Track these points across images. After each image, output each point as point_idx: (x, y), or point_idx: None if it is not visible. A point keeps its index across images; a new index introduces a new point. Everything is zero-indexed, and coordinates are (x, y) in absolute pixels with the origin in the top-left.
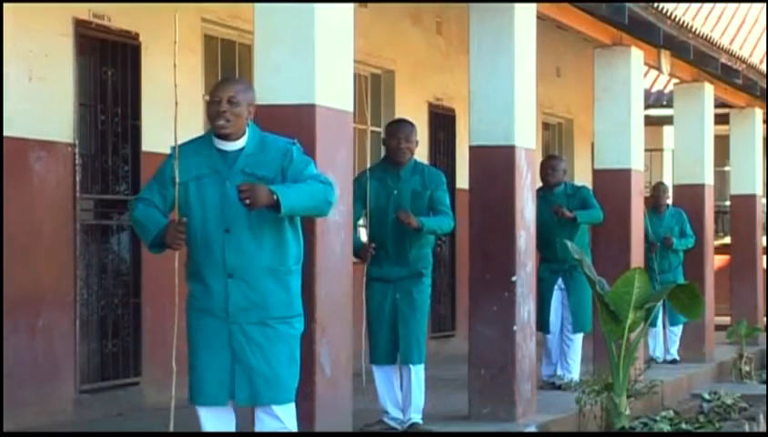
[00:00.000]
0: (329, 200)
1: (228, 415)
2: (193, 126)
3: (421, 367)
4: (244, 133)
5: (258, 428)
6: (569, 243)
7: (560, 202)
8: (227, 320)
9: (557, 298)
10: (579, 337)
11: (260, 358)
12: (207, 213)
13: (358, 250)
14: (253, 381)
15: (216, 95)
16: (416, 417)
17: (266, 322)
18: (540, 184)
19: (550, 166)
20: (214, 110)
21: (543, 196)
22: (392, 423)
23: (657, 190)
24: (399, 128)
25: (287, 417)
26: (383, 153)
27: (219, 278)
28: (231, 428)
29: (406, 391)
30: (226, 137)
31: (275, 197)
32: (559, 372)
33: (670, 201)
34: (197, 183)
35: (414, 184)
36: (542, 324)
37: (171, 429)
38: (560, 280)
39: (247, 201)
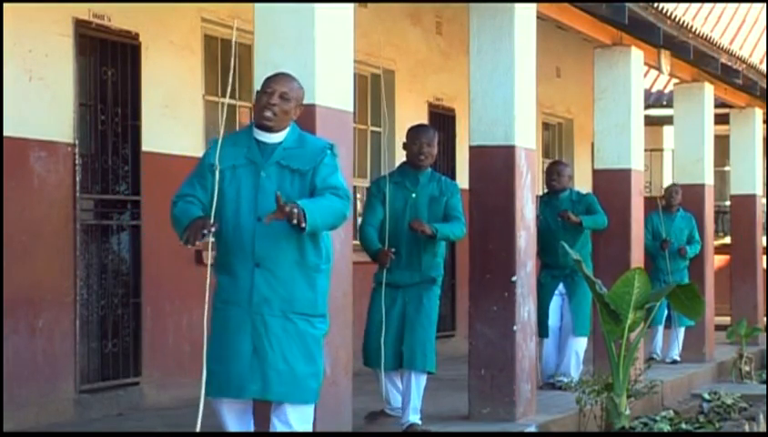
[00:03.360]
0: (345, 216)
1: (247, 415)
2: (193, 125)
3: (423, 375)
4: (286, 127)
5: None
6: (566, 246)
7: (564, 208)
8: (250, 310)
9: (557, 303)
10: (581, 340)
11: (277, 351)
12: (241, 202)
13: (376, 254)
14: (266, 373)
15: (269, 86)
16: (414, 418)
17: (287, 316)
18: (542, 188)
19: (556, 171)
20: (264, 101)
21: (548, 201)
22: (394, 413)
23: (669, 191)
24: (421, 133)
25: (301, 423)
26: (384, 152)
27: (247, 266)
28: (246, 414)
29: (405, 394)
30: (268, 130)
31: (302, 214)
32: (560, 376)
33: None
34: (232, 172)
35: (432, 190)
36: (541, 328)
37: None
38: (560, 286)
39: (277, 214)
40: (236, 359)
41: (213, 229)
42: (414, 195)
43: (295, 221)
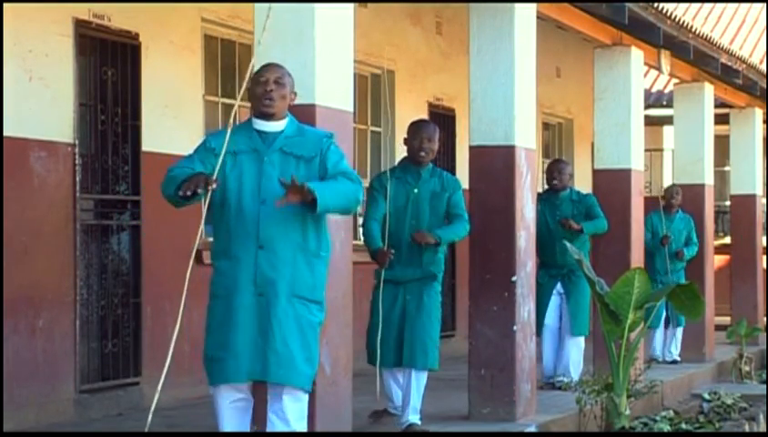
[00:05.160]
0: (359, 199)
1: (247, 415)
2: (193, 125)
3: (424, 374)
4: (285, 116)
5: (269, 430)
6: (568, 244)
7: (564, 207)
8: (255, 292)
9: (555, 302)
10: (579, 340)
11: (278, 333)
12: (244, 186)
13: (375, 253)
14: (266, 355)
15: (262, 75)
16: (414, 418)
17: (289, 299)
18: (542, 187)
19: (557, 169)
20: (261, 90)
21: (548, 199)
22: (397, 412)
23: (669, 192)
24: (422, 128)
25: (296, 418)
26: (385, 151)
27: (250, 249)
28: (247, 414)
29: (405, 393)
30: (269, 117)
31: (312, 195)
32: (559, 377)
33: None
34: (233, 158)
35: (433, 185)
36: (537, 328)
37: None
38: (558, 285)
39: (289, 197)
40: (243, 343)
41: (214, 186)
42: (416, 190)
43: (308, 198)
